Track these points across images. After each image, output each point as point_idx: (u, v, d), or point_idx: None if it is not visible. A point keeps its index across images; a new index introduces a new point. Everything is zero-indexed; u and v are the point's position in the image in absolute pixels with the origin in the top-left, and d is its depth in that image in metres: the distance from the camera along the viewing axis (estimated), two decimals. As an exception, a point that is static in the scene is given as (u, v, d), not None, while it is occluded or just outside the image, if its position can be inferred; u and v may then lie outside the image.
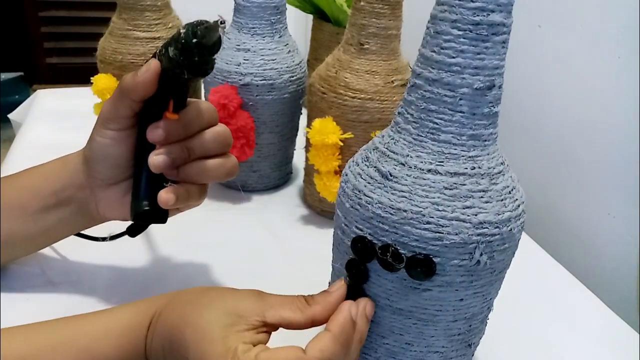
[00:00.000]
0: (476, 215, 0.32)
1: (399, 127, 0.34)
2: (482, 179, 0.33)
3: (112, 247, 0.56)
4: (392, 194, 0.33)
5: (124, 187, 0.44)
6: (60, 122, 0.81)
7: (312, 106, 0.60)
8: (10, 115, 0.91)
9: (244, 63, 0.61)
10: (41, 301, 0.48)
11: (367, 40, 0.56)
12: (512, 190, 0.34)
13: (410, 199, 0.33)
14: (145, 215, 0.43)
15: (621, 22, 0.59)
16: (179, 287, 0.51)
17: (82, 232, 0.49)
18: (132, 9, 0.63)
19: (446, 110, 0.32)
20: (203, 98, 0.69)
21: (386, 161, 0.34)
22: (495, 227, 0.33)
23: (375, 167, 0.35)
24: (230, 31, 0.63)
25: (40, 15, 1.69)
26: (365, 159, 0.36)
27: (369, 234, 0.34)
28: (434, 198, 0.32)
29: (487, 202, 0.33)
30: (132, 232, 0.49)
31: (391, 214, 0.33)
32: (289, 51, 0.63)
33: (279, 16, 0.62)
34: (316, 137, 0.57)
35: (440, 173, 0.33)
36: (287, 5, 0.64)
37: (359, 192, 0.35)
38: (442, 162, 0.33)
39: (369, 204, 0.34)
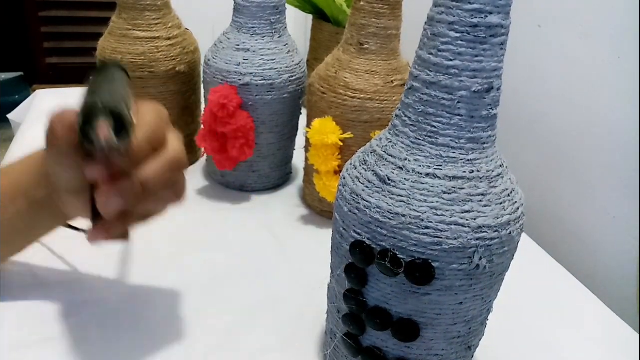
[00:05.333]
0: (475, 219, 0.32)
1: (397, 130, 0.34)
2: (481, 182, 0.33)
3: (111, 247, 0.56)
4: (390, 198, 0.33)
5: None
6: (60, 122, 0.81)
7: (311, 106, 0.60)
8: (9, 116, 0.91)
9: (243, 63, 0.61)
10: (40, 301, 0.48)
11: (366, 40, 0.56)
12: (511, 193, 0.34)
13: (409, 204, 0.32)
14: None
15: (621, 22, 0.59)
16: (178, 286, 0.51)
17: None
18: (132, 9, 0.63)
19: (444, 113, 0.32)
20: (203, 98, 0.69)
21: (384, 165, 0.34)
22: (495, 231, 0.33)
23: (373, 170, 0.34)
24: (230, 31, 0.63)
25: (40, 15, 1.69)
26: (363, 162, 0.36)
27: (368, 238, 0.34)
28: (432, 202, 0.32)
29: (486, 206, 0.33)
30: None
31: (389, 218, 0.33)
32: (289, 51, 0.63)
33: (278, 16, 0.62)
34: (316, 137, 0.57)
35: (438, 177, 0.32)
36: (287, 5, 0.64)
37: (357, 196, 0.34)
38: (441, 165, 0.32)
39: (367, 208, 0.34)
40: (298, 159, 0.71)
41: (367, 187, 0.34)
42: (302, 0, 0.85)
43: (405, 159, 0.33)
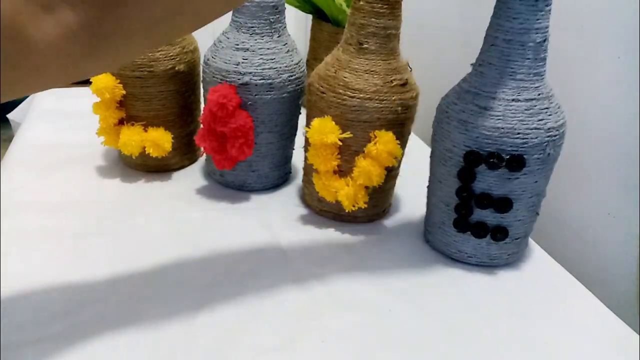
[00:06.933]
0: (545, 124, 0.50)
1: (483, 74, 0.51)
2: (545, 100, 0.51)
3: (111, 247, 0.56)
4: (491, 119, 0.50)
5: None
6: (59, 121, 0.81)
7: (311, 106, 0.60)
8: (9, 115, 0.91)
9: (242, 62, 0.61)
10: (40, 300, 0.48)
11: (366, 39, 0.56)
12: (559, 105, 0.52)
13: (504, 120, 0.50)
14: None
15: (621, 22, 0.59)
16: (177, 286, 0.51)
17: None
18: (131, 9, 0.63)
19: (519, 59, 0.49)
20: (202, 98, 0.69)
21: (481, 98, 0.51)
22: (556, 130, 0.51)
23: (473, 103, 0.51)
24: (229, 30, 0.63)
25: (40, 15, 1.69)
26: (462, 99, 0.52)
27: (476, 148, 0.51)
28: (519, 117, 0.50)
29: (550, 115, 0.51)
30: None
31: (493, 132, 0.50)
32: (288, 50, 0.63)
33: (277, 15, 0.62)
34: (315, 136, 0.57)
35: (520, 100, 0.50)
36: (287, 5, 0.64)
37: (464, 122, 0.51)
38: (520, 93, 0.50)
39: (475, 128, 0.50)
40: (297, 159, 0.71)
41: (471, 114, 0.51)
42: (301, 0, 0.85)
43: (496, 92, 0.50)
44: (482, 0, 0.54)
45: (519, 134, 0.49)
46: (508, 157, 0.50)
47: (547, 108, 0.50)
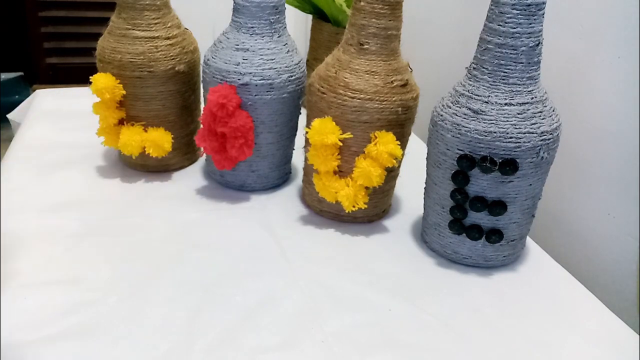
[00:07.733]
0: (539, 128, 0.50)
1: (476, 78, 0.51)
2: (539, 104, 0.51)
3: (111, 247, 0.56)
4: (483, 123, 0.50)
5: None
6: (59, 122, 0.81)
7: (311, 106, 0.60)
8: (9, 115, 0.91)
9: (242, 62, 0.61)
10: (40, 300, 0.48)
11: (367, 40, 0.56)
12: (554, 109, 0.53)
13: (497, 124, 0.50)
14: None
15: (621, 22, 0.59)
16: (177, 286, 0.51)
17: None
18: (131, 8, 0.63)
19: (511, 63, 0.50)
20: (202, 98, 0.69)
21: (474, 102, 0.51)
22: (550, 134, 0.51)
23: (466, 107, 0.51)
24: (229, 31, 0.63)
25: (40, 15, 1.69)
26: (456, 103, 0.52)
27: (469, 152, 0.51)
28: (512, 121, 0.50)
29: (544, 119, 0.51)
30: None
31: (485, 135, 0.50)
32: (288, 51, 0.63)
33: (277, 16, 0.62)
34: (315, 137, 0.57)
35: (513, 104, 0.50)
36: (287, 6, 0.64)
37: (458, 125, 0.51)
38: (513, 97, 0.50)
39: (467, 132, 0.51)
40: (297, 159, 0.71)
41: (464, 118, 0.51)
42: (302, 0, 0.85)
43: (489, 96, 0.51)
44: (483, 1, 0.54)
45: (511, 137, 0.50)
46: (501, 160, 0.50)
47: (540, 112, 0.51)
